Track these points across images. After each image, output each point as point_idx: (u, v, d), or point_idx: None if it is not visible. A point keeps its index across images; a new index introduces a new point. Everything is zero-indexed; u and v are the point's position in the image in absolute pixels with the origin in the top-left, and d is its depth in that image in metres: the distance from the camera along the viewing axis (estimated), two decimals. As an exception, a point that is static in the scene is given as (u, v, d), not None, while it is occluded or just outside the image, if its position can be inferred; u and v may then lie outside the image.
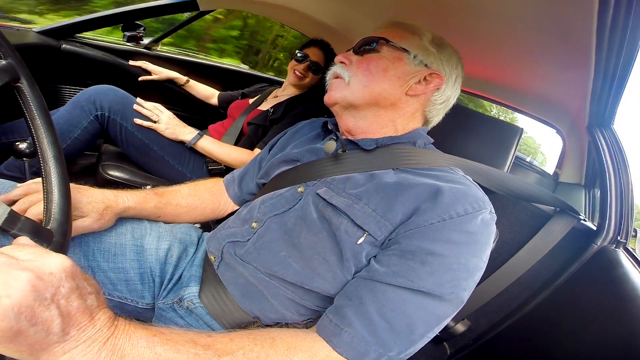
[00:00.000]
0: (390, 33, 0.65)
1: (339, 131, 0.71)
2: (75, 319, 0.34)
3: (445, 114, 0.71)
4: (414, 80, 0.63)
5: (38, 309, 0.30)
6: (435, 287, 0.48)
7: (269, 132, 1.33)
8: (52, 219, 0.42)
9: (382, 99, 0.63)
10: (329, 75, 0.69)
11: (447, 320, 0.50)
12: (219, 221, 0.80)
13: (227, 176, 0.85)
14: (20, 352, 0.30)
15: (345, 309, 0.49)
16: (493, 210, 0.54)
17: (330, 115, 0.72)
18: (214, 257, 0.65)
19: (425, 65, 0.64)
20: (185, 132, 1.21)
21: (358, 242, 0.53)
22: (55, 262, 0.34)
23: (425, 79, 0.64)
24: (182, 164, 1.25)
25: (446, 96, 0.67)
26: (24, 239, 0.37)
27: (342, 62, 0.67)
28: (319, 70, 1.43)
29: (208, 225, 1.06)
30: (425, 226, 0.50)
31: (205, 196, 0.79)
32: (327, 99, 0.67)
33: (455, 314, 0.50)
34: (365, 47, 0.65)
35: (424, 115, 0.68)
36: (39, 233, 0.39)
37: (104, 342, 0.36)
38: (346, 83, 0.64)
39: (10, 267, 0.30)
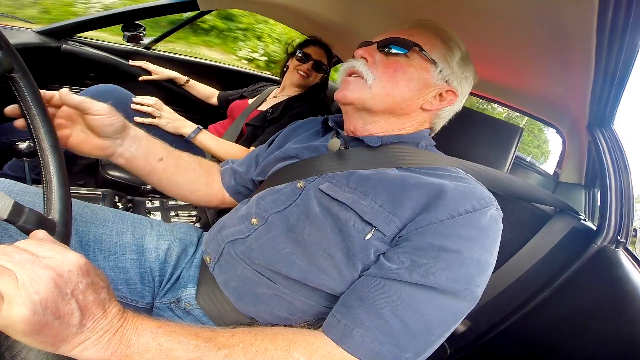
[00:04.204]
0: (422, 38, 0.62)
1: (340, 128, 0.70)
2: (91, 312, 0.36)
3: None
4: (431, 94, 0.63)
5: (61, 303, 0.33)
6: (449, 283, 0.47)
7: (266, 132, 1.33)
8: (53, 208, 0.43)
9: (398, 108, 0.62)
10: (344, 69, 0.66)
11: (462, 319, 0.50)
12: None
13: (223, 164, 0.84)
14: (45, 343, 0.33)
15: (357, 309, 0.48)
16: (499, 207, 0.55)
17: (329, 114, 0.72)
18: (210, 259, 0.64)
19: (446, 81, 0.63)
20: (186, 126, 1.21)
21: (366, 238, 0.53)
22: (73, 260, 0.35)
23: (441, 94, 0.63)
24: (182, 164, 1.25)
25: (453, 111, 0.68)
26: (41, 233, 0.38)
27: (363, 58, 0.63)
28: (321, 68, 1.44)
29: (208, 225, 1.05)
30: (436, 223, 0.50)
31: (205, 166, 0.79)
32: (342, 97, 0.63)
33: (469, 311, 0.50)
34: (395, 49, 0.62)
35: (429, 125, 0.69)
36: (43, 224, 0.40)
37: (113, 333, 0.37)
38: (367, 85, 0.61)
39: (34, 264, 0.32)
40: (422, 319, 0.47)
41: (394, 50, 0.62)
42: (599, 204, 0.93)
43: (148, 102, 1.18)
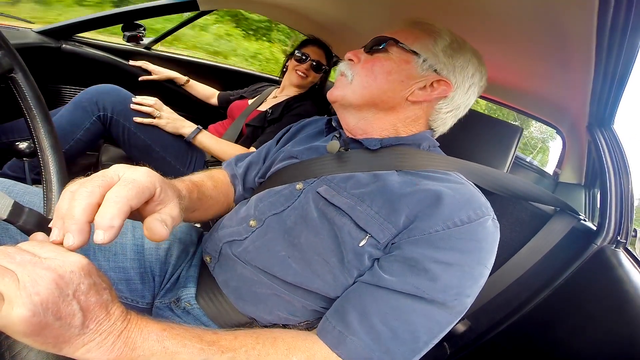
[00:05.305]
0: (404, 34, 0.64)
1: (342, 129, 0.70)
2: (94, 313, 0.35)
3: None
4: (418, 85, 0.61)
5: (62, 304, 0.32)
6: (439, 294, 0.48)
7: (266, 132, 1.34)
8: (53, 209, 0.43)
9: (380, 101, 0.62)
10: (337, 71, 0.68)
11: (449, 328, 0.50)
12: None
13: (229, 170, 0.79)
14: (47, 344, 0.33)
15: (349, 316, 0.49)
16: (495, 217, 0.54)
17: (329, 114, 0.72)
18: (210, 258, 0.64)
19: (435, 70, 0.61)
20: (185, 126, 1.22)
21: (360, 244, 0.53)
22: (74, 261, 0.35)
23: (432, 85, 0.62)
24: (183, 165, 1.25)
25: (454, 105, 0.64)
26: (41, 235, 0.38)
27: (350, 60, 0.66)
28: (320, 68, 1.44)
29: (208, 225, 1.05)
30: (430, 233, 0.50)
31: (225, 189, 0.75)
32: (329, 95, 0.66)
33: (457, 321, 0.50)
34: (375, 46, 0.64)
35: (427, 123, 0.66)
36: (43, 225, 0.40)
37: (118, 335, 0.37)
38: (349, 82, 0.63)
39: (35, 265, 0.32)
40: (410, 328, 0.47)
41: (375, 48, 0.64)
42: (598, 204, 0.93)
43: (148, 102, 1.17)
